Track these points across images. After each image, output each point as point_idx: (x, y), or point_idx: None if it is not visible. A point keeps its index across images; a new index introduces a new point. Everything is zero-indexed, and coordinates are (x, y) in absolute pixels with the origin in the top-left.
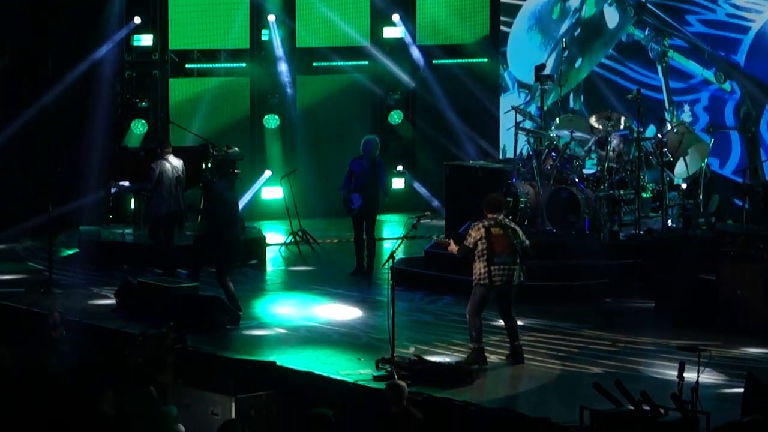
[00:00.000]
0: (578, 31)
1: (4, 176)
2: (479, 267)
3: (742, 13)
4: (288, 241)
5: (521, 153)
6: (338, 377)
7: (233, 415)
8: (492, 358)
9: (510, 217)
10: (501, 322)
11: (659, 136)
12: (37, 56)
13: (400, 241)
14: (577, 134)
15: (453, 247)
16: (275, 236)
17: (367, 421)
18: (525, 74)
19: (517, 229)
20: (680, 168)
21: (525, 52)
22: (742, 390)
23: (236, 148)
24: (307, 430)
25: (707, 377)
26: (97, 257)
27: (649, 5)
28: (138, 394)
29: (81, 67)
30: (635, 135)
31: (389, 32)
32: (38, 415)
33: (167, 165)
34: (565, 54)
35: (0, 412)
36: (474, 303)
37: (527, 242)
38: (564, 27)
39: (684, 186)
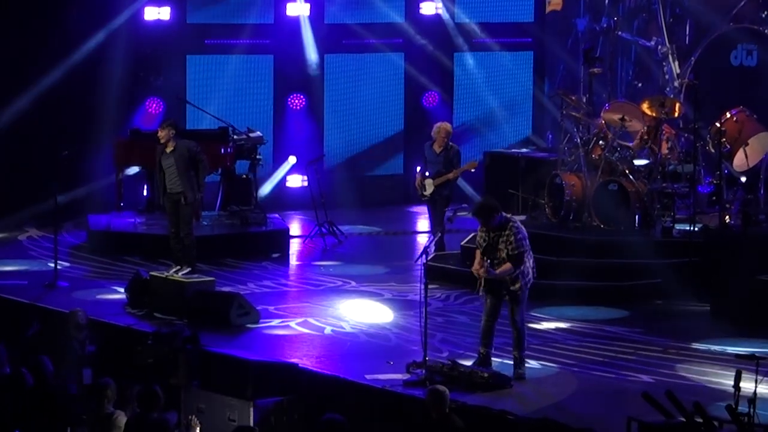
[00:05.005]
0: None
1: (6, 159)
2: (528, 268)
3: None
4: (313, 234)
5: (567, 141)
6: (365, 382)
7: (251, 421)
8: (533, 363)
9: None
10: (541, 326)
11: (717, 124)
12: (45, 29)
13: (435, 235)
14: (628, 121)
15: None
16: (300, 228)
17: (398, 430)
18: None
19: None
20: (740, 160)
21: None
22: None
23: (258, 132)
24: None
25: (766, 388)
26: (106, 248)
27: None
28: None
29: (92, 42)
30: (692, 123)
31: (426, 8)
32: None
33: None
34: None
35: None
36: (525, 307)
37: None
38: None
39: (743, 179)
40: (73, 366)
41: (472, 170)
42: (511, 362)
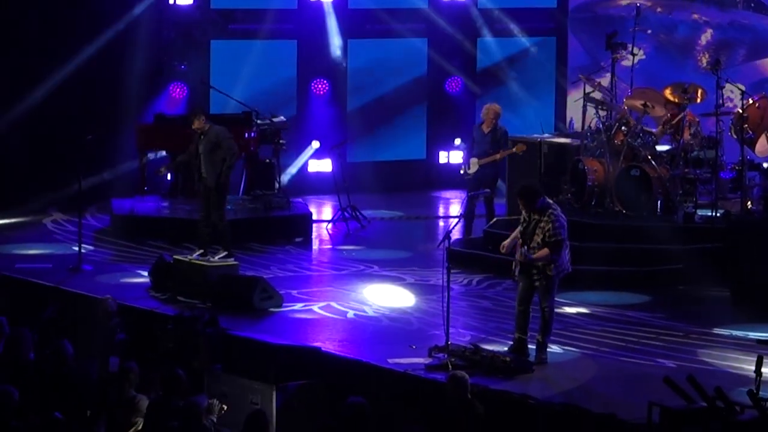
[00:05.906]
0: None
1: (31, 143)
2: (563, 258)
3: None
4: (336, 218)
5: (590, 127)
6: (388, 366)
7: (274, 405)
8: (554, 348)
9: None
10: (562, 311)
11: (739, 110)
12: (70, 14)
13: (457, 219)
14: (651, 107)
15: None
16: (322, 212)
17: (420, 414)
18: None
19: None
20: (762, 146)
21: None
22: None
23: (282, 117)
24: (344, 420)
25: None
26: (129, 232)
27: None
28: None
29: (116, 27)
30: (714, 109)
31: None
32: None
33: None
34: None
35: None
36: (554, 295)
37: None
38: None
39: (766, 165)
40: (99, 352)
41: (520, 153)
42: (534, 346)
